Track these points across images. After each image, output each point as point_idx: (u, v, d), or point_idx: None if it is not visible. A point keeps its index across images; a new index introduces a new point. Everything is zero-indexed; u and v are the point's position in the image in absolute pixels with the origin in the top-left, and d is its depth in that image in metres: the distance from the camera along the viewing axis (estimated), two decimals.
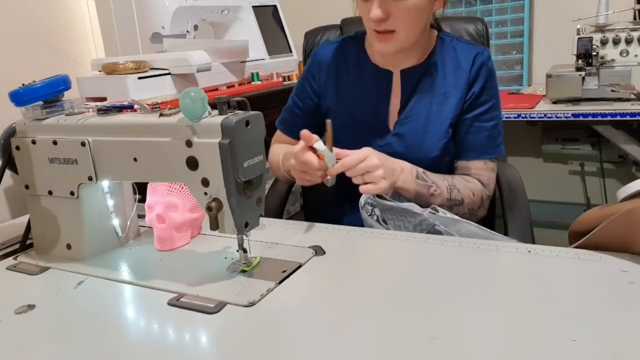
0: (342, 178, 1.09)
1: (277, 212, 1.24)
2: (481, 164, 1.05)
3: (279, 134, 1.21)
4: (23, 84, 0.83)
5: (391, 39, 0.97)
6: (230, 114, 0.69)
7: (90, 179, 0.80)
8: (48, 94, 0.83)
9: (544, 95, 2.02)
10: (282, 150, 1.09)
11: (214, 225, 0.71)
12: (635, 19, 1.98)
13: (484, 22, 1.30)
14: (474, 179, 1.05)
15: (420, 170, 0.98)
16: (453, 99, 1.03)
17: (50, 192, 0.84)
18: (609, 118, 1.78)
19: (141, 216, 0.94)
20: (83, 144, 0.79)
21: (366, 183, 0.91)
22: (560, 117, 1.83)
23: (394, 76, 1.06)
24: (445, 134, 1.03)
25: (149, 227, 0.92)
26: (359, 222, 1.04)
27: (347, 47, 1.12)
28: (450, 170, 1.08)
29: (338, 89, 1.10)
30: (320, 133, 0.95)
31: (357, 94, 1.08)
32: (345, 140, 0.98)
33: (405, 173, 0.96)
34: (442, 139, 1.03)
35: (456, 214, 0.93)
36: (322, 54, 1.13)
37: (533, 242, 1.03)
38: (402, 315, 0.63)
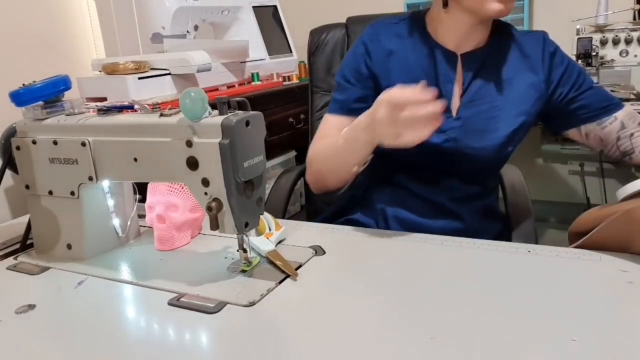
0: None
1: (278, 212, 1.24)
2: (626, 111, 1.00)
3: (325, 127, 1.04)
4: (23, 84, 0.83)
5: None
6: (230, 114, 0.69)
7: (90, 179, 0.80)
8: (48, 94, 0.83)
9: None
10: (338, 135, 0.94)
11: (214, 225, 0.71)
12: (635, 19, 1.98)
13: None
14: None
15: None
16: (521, 86, 0.99)
17: (50, 192, 0.84)
18: None
19: (141, 216, 0.94)
20: (83, 144, 0.79)
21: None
22: None
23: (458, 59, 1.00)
24: (513, 120, 0.98)
25: (149, 227, 0.92)
26: (359, 222, 1.04)
27: (407, 26, 1.04)
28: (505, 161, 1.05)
29: (400, 69, 1.01)
30: None
31: (424, 76, 0.99)
32: None
33: None
34: (510, 126, 0.98)
35: None
36: (380, 32, 1.03)
37: (536, 242, 1.03)
38: (402, 315, 0.63)
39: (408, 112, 0.78)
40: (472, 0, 0.93)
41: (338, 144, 0.93)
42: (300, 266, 0.77)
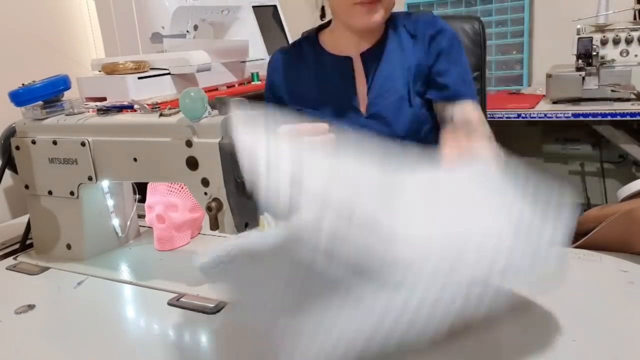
0: None
1: None
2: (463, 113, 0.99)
3: None
4: (23, 84, 0.83)
5: (378, 7, 0.96)
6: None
7: (90, 179, 0.80)
8: (48, 94, 0.83)
9: (544, 95, 2.02)
10: None
11: (214, 225, 0.71)
12: (635, 19, 1.98)
13: (481, 21, 1.29)
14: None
15: None
16: (416, 68, 1.03)
17: (50, 192, 0.84)
18: (609, 118, 1.78)
19: (141, 216, 0.94)
20: (83, 144, 0.79)
21: None
22: (561, 117, 1.83)
23: (354, 61, 1.05)
24: (413, 98, 1.01)
25: (149, 227, 0.92)
26: None
27: (302, 47, 1.11)
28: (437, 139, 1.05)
29: (299, 91, 1.08)
30: None
31: (320, 88, 1.06)
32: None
33: None
34: (418, 108, 1.01)
35: None
36: (277, 61, 1.12)
37: None
38: None
39: None
40: (343, 15, 0.99)
41: None
42: None
